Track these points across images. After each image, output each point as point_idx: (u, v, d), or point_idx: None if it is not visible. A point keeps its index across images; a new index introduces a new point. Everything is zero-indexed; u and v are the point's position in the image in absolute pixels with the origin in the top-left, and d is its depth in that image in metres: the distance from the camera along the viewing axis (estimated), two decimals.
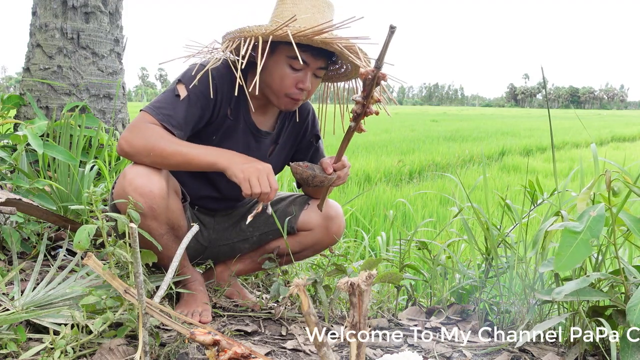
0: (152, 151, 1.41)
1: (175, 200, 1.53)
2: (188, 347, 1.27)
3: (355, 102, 1.40)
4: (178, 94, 1.48)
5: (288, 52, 1.48)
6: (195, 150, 1.44)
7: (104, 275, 1.13)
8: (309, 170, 1.57)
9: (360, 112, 1.40)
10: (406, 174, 7.47)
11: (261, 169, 1.43)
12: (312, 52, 1.48)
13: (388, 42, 1.25)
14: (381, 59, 1.29)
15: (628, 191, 1.28)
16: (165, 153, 1.42)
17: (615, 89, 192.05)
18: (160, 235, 1.47)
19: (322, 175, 1.57)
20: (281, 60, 1.50)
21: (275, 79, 1.52)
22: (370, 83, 1.33)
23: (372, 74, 1.31)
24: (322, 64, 1.53)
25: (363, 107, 1.39)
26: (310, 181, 1.58)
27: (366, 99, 1.37)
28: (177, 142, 1.44)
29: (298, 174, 1.58)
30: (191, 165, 1.44)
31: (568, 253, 1.16)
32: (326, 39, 1.42)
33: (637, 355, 1.16)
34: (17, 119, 2.93)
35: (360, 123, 1.43)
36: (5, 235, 1.79)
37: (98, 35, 3.08)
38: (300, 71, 1.51)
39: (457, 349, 1.46)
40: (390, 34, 1.24)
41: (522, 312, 1.57)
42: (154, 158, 1.42)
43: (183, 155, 1.42)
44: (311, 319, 0.90)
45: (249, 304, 1.70)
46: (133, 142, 1.43)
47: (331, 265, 1.68)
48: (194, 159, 1.43)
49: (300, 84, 1.52)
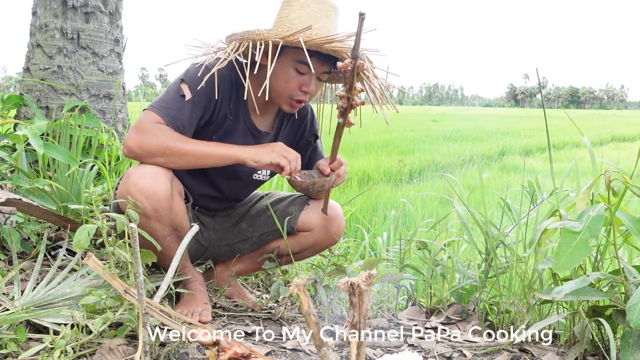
0: (168, 150, 1.43)
1: (179, 202, 1.53)
2: (188, 347, 1.27)
3: (340, 97, 1.41)
4: (183, 94, 1.48)
5: (295, 55, 1.48)
6: (210, 147, 1.48)
7: (104, 275, 1.13)
8: (307, 179, 1.58)
9: (346, 107, 1.41)
10: (406, 174, 7.47)
11: (276, 146, 1.51)
12: (319, 58, 1.48)
13: (360, 30, 1.27)
14: (356, 48, 1.30)
15: (624, 190, 1.28)
16: (181, 152, 1.44)
17: (615, 89, 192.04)
18: (164, 236, 1.47)
19: (321, 180, 1.58)
20: (287, 63, 1.51)
21: (280, 81, 1.52)
22: (351, 74, 1.34)
23: (350, 65, 1.32)
24: (327, 68, 1.53)
25: (348, 100, 1.40)
26: (310, 189, 1.59)
27: (349, 92, 1.38)
28: (190, 141, 1.47)
29: (297, 185, 1.59)
30: (208, 161, 1.48)
31: (567, 253, 1.16)
32: (335, 47, 1.42)
33: (637, 354, 1.16)
34: (17, 119, 2.93)
35: (348, 117, 1.44)
36: (5, 235, 1.79)
37: (98, 35, 3.08)
38: (305, 75, 1.52)
39: (457, 349, 1.46)
40: (360, 21, 1.26)
41: (522, 312, 1.57)
42: (170, 158, 1.44)
43: (200, 152, 1.46)
44: (311, 319, 0.90)
45: (249, 304, 1.70)
46: (144, 143, 1.43)
47: (331, 265, 1.68)
48: (211, 156, 1.47)
49: (304, 87, 1.52)
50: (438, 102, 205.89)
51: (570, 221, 1.23)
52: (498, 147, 11.33)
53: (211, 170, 1.65)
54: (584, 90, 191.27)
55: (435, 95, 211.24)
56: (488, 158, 10.10)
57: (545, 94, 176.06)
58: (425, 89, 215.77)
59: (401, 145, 11.25)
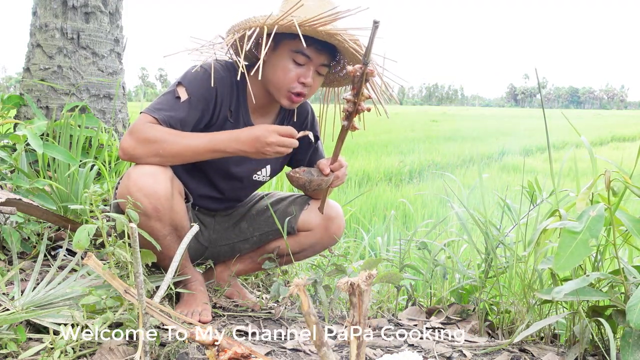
0: (161, 149, 1.42)
1: (180, 201, 1.53)
2: (188, 347, 1.27)
3: (346, 100, 1.41)
4: (178, 96, 1.48)
5: (292, 46, 1.48)
6: (200, 140, 1.45)
7: (104, 275, 1.13)
8: (305, 175, 1.58)
9: (352, 111, 1.42)
10: (406, 174, 7.47)
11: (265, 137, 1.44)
12: (316, 47, 1.48)
13: (373, 38, 1.28)
14: (367, 54, 1.31)
15: (624, 189, 1.28)
16: (174, 150, 1.43)
17: (615, 89, 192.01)
18: (164, 236, 1.47)
19: (318, 179, 1.57)
20: (284, 54, 1.51)
21: (278, 73, 1.52)
22: (359, 80, 1.35)
23: (360, 70, 1.33)
24: (324, 60, 1.53)
25: (354, 105, 1.40)
26: (307, 186, 1.59)
27: (356, 97, 1.39)
28: (182, 136, 1.45)
29: (295, 181, 1.58)
30: (201, 157, 1.47)
31: (567, 253, 1.16)
32: (330, 30, 1.42)
33: (637, 354, 1.16)
34: (17, 119, 2.93)
35: (353, 121, 1.44)
36: (5, 235, 1.79)
37: (98, 35, 3.08)
38: (303, 66, 1.51)
39: (457, 349, 1.46)
40: (374, 29, 1.26)
41: (522, 312, 1.57)
42: (164, 157, 1.43)
43: (192, 148, 1.44)
44: (311, 319, 0.90)
45: (249, 304, 1.70)
46: (138, 145, 1.43)
47: (331, 265, 1.68)
48: (201, 152, 1.46)
49: (302, 78, 1.51)
50: (438, 102, 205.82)
51: (571, 221, 1.23)
52: (498, 147, 11.33)
53: (211, 171, 1.65)
54: (584, 90, 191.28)
55: (435, 95, 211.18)
56: (488, 158, 10.10)
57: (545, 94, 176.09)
58: (425, 89, 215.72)
59: (401, 145, 11.25)
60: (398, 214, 4.18)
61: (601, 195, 1.29)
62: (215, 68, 1.52)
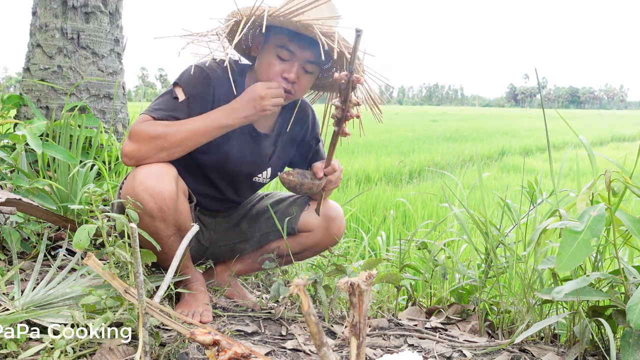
0: (166, 142, 1.43)
1: (184, 202, 1.53)
2: (188, 347, 1.27)
3: (335, 106, 1.42)
4: (176, 96, 1.49)
5: (277, 41, 1.50)
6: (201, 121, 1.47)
7: (104, 275, 1.13)
8: (297, 178, 1.58)
9: (340, 117, 1.43)
10: (406, 174, 7.47)
11: (257, 93, 1.46)
12: (299, 42, 1.48)
13: (356, 46, 1.29)
14: (352, 62, 1.31)
15: (624, 189, 1.28)
16: (179, 139, 1.44)
17: (615, 89, 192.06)
18: (167, 236, 1.47)
19: (310, 182, 1.57)
20: (270, 50, 1.52)
21: (263, 67, 1.53)
22: (346, 87, 1.36)
23: (345, 78, 1.33)
24: (309, 56, 1.51)
25: (343, 111, 1.41)
26: (298, 189, 1.59)
27: (344, 103, 1.40)
28: (182, 123, 1.46)
29: (286, 183, 1.59)
30: (206, 138, 1.48)
31: (569, 253, 1.16)
32: (303, 19, 1.39)
33: (637, 354, 1.16)
34: (17, 119, 2.93)
35: (343, 127, 1.46)
36: (5, 235, 1.79)
37: (98, 35, 3.08)
38: (287, 61, 1.51)
39: (457, 349, 1.46)
40: (357, 37, 1.27)
41: (522, 312, 1.57)
42: (170, 149, 1.44)
43: (195, 131, 1.45)
44: (311, 319, 0.90)
45: (249, 304, 1.70)
46: (141, 145, 1.43)
47: (331, 265, 1.68)
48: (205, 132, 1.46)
49: (285, 73, 1.51)
50: (438, 102, 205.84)
51: (572, 221, 1.23)
52: (498, 147, 11.33)
53: (212, 171, 1.65)
54: (584, 90, 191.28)
55: (435, 95, 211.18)
56: (488, 158, 10.10)
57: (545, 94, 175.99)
58: (425, 89, 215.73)
59: (401, 145, 11.25)
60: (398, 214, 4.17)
61: (601, 195, 1.29)
62: (212, 67, 1.52)
